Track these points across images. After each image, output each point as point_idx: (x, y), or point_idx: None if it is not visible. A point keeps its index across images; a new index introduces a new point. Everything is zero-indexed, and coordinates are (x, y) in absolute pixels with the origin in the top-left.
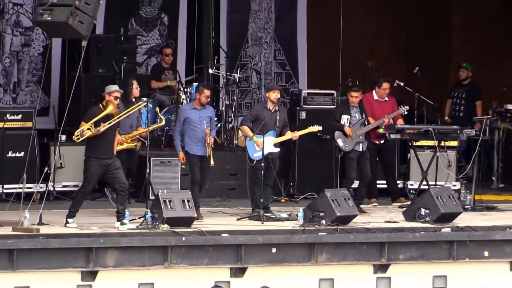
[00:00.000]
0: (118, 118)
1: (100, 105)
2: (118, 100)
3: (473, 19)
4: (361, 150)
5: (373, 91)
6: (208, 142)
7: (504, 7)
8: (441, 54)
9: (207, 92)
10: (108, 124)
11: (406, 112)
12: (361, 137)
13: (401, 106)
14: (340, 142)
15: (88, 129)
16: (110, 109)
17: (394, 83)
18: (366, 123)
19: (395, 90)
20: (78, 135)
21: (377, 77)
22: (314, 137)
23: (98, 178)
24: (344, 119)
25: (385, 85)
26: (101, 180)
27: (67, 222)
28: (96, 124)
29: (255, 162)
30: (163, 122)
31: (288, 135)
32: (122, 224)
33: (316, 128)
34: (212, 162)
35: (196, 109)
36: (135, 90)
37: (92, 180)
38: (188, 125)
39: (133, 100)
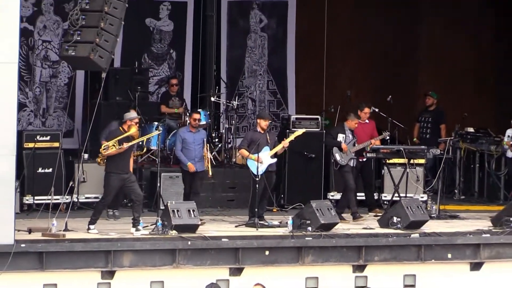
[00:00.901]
0: (137, 140)
1: (120, 128)
2: (137, 125)
3: (437, 56)
4: (352, 165)
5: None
6: (206, 157)
7: (463, 45)
8: (410, 85)
9: (194, 115)
10: (131, 143)
11: (388, 138)
12: (353, 154)
13: (384, 132)
14: (337, 157)
15: (113, 145)
16: (132, 131)
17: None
18: (356, 144)
19: (371, 114)
20: (104, 148)
21: (359, 103)
22: (301, 155)
23: (117, 191)
24: (340, 137)
25: (366, 110)
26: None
27: (89, 228)
28: (119, 143)
29: (260, 176)
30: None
31: (280, 145)
32: (137, 230)
33: (301, 131)
34: (210, 174)
35: (191, 132)
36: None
37: (112, 192)
38: (184, 145)
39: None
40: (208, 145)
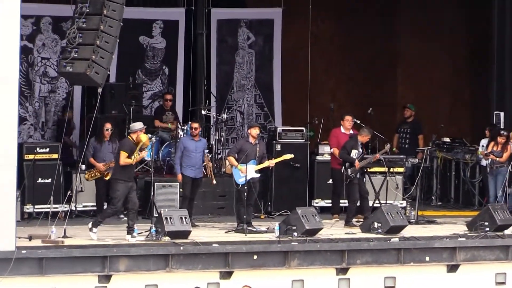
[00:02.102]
0: (140, 152)
1: (129, 137)
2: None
3: (415, 70)
4: (359, 176)
5: (341, 126)
6: (208, 166)
7: (439, 60)
8: (389, 98)
9: (193, 124)
10: (145, 151)
11: (388, 150)
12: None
13: (386, 145)
14: (349, 172)
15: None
16: (144, 139)
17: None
18: (361, 159)
19: (355, 126)
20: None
21: (342, 114)
22: (287, 165)
23: (125, 197)
24: (354, 153)
25: (348, 118)
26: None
27: (91, 229)
28: (132, 153)
29: (240, 186)
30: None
31: (266, 163)
32: (132, 237)
33: (288, 156)
34: (214, 182)
35: (193, 140)
36: (106, 132)
37: (122, 198)
38: (185, 153)
39: (105, 140)
40: (208, 155)
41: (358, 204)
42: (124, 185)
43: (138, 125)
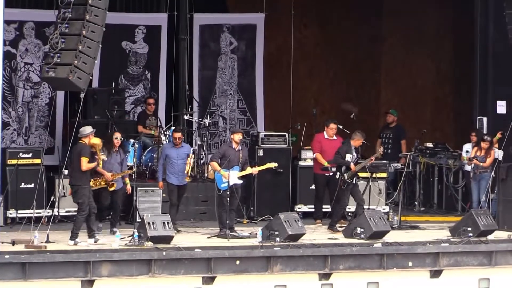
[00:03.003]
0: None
1: (82, 141)
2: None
3: (398, 76)
4: (354, 182)
5: (324, 132)
6: (188, 163)
7: (423, 66)
8: (372, 103)
9: (175, 134)
10: (104, 155)
11: (382, 154)
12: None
13: (379, 149)
14: (346, 176)
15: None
16: (97, 142)
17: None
18: (356, 163)
19: (337, 131)
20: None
21: (326, 120)
22: (270, 170)
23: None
24: (348, 157)
25: (332, 125)
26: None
27: (73, 243)
28: (92, 158)
29: (222, 191)
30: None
31: (249, 170)
32: (96, 240)
33: (272, 164)
34: (188, 175)
35: (174, 148)
36: (116, 141)
37: (87, 202)
38: (168, 160)
39: (115, 150)
40: (193, 155)
41: (347, 210)
42: (87, 190)
43: (88, 129)
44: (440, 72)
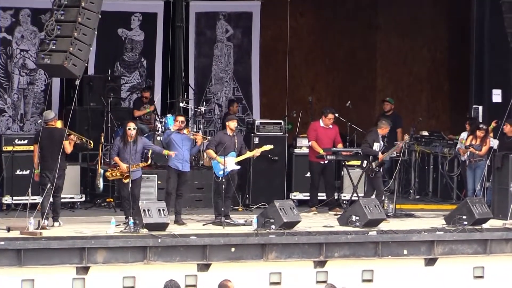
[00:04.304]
0: None
1: (51, 125)
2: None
3: (394, 64)
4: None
5: (320, 120)
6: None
7: (419, 54)
8: (368, 91)
9: (179, 118)
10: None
11: (408, 141)
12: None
13: (405, 136)
14: (374, 165)
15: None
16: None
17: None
18: (383, 151)
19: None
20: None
21: (323, 109)
22: (265, 158)
23: None
24: (376, 146)
25: (330, 116)
26: (92, 193)
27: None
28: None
29: (220, 178)
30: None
31: (249, 153)
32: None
33: (268, 147)
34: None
35: (179, 133)
36: (129, 131)
37: None
38: (172, 145)
39: (130, 140)
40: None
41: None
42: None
43: (52, 113)
44: (436, 60)
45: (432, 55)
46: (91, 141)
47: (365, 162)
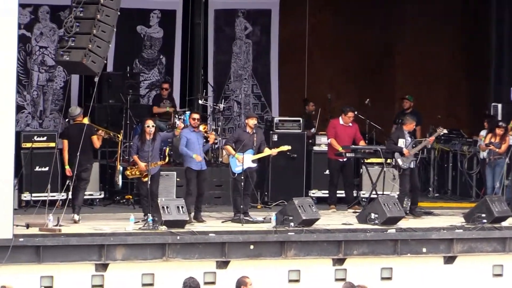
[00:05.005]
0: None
1: (78, 121)
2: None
3: (413, 61)
4: (413, 166)
5: (340, 118)
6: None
7: (437, 51)
8: (387, 88)
9: (193, 115)
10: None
11: (442, 133)
12: (413, 156)
13: (438, 128)
14: (400, 161)
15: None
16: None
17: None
18: (415, 145)
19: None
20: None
21: (343, 107)
22: (284, 155)
23: None
24: (401, 142)
25: (350, 114)
26: (111, 190)
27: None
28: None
29: (236, 175)
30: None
31: (267, 151)
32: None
33: (286, 147)
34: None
35: (194, 132)
36: (147, 129)
37: None
38: (189, 145)
39: (148, 138)
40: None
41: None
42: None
43: (78, 109)
44: (455, 57)
45: (451, 52)
46: (118, 135)
47: (398, 160)
